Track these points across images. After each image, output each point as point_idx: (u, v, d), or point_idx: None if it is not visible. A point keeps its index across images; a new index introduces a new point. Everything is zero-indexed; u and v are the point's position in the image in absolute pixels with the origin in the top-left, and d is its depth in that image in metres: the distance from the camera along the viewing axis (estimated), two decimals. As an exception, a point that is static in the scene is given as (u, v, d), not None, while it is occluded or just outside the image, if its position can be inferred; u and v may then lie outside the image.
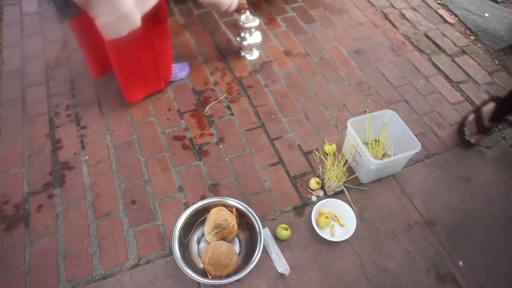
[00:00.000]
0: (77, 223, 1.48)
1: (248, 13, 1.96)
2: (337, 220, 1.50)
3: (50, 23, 2.26)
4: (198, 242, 1.44)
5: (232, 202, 1.45)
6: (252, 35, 2.02)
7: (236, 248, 1.42)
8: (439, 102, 1.98)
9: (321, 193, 1.59)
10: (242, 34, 2.03)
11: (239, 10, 1.88)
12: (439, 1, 2.64)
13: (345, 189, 1.58)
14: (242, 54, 2.12)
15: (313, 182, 1.58)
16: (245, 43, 2.03)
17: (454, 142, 1.81)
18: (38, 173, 1.62)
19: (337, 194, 1.59)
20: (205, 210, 1.44)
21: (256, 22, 1.97)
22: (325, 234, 1.45)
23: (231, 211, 1.42)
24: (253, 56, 2.12)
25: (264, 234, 1.45)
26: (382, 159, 1.58)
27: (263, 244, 1.42)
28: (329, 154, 1.67)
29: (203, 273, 1.31)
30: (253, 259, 1.32)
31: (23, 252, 1.40)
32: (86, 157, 1.68)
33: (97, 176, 1.62)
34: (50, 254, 1.41)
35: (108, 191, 1.58)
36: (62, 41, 2.17)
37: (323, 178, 1.61)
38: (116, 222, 1.49)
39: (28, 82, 1.98)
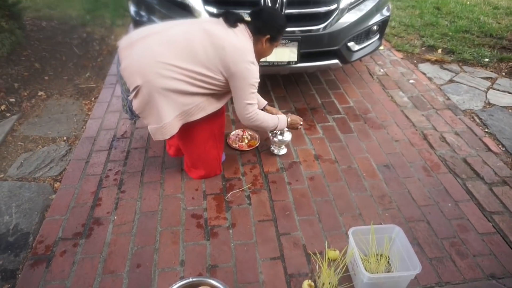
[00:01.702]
0: (86, 274, 1.66)
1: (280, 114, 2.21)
2: (320, 330, 1.44)
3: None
4: (180, 318, 1.49)
5: (219, 285, 1.51)
6: (284, 134, 2.23)
7: (213, 333, 1.44)
8: (465, 229, 1.89)
9: (312, 297, 1.57)
10: (274, 131, 2.24)
11: (294, 128, 2.18)
12: (486, 130, 2.63)
13: (337, 298, 1.54)
14: (272, 148, 2.32)
15: (305, 284, 1.57)
16: (275, 139, 2.23)
17: (475, 274, 1.68)
18: (73, 223, 1.89)
19: (328, 302, 1.55)
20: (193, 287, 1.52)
21: None
22: None
23: (216, 294, 1.48)
24: (281, 151, 2.31)
25: (243, 326, 1.45)
26: (381, 275, 1.53)
27: (239, 336, 1.41)
28: (329, 259, 1.66)
29: None
30: None
31: (36, 289, 1.60)
32: (115, 217, 1.92)
33: (117, 236, 1.83)
34: (55, 296, 1.58)
35: (122, 251, 1.76)
36: (132, 121, 2.64)
37: (317, 282, 1.60)
38: (117, 281, 1.63)
39: (96, 147, 2.40)
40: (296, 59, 2.45)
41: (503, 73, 3.39)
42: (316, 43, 2.47)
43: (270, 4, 2.29)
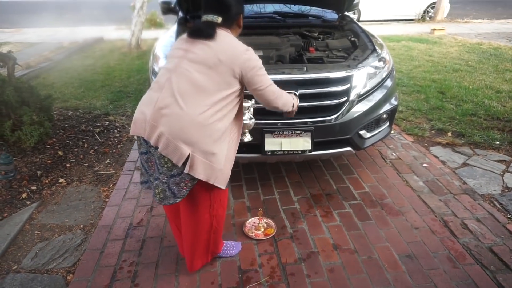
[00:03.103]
0: None
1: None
2: None
3: (146, 191, 2.83)
4: None
5: None
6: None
7: None
8: (503, 331, 1.74)
9: None
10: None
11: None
12: (509, 216, 2.56)
13: None
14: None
15: None
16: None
17: None
18: (83, 321, 1.81)
19: None
20: None
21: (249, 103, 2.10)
22: None
23: None
24: (246, 138, 2.14)
25: None
26: None
27: None
28: None
29: None
30: None
31: None
32: (127, 315, 1.83)
33: (128, 336, 1.73)
34: None
35: None
36: (149, 207, 2.66)
37: None
38: None
39: (111, 236, 2.39)
40: (310, 148, 2.53)
41: (516, 156, 3.41)
42: (328, 133, 2.56)
43: None
